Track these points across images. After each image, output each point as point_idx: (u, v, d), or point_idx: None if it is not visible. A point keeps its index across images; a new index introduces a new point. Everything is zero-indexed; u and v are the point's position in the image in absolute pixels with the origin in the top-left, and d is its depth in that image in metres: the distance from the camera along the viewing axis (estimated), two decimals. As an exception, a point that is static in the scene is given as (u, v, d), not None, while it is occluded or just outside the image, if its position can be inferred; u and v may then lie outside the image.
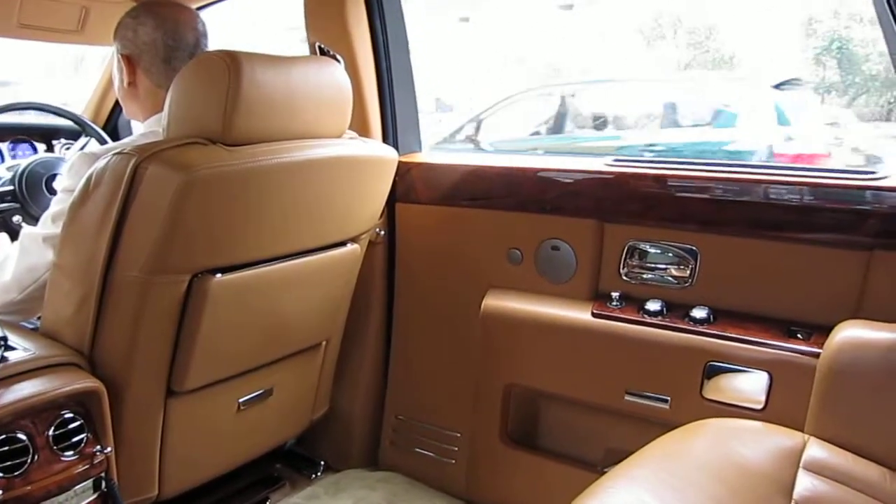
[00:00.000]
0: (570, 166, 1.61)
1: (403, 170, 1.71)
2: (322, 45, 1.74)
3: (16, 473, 1.14)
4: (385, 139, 1.81)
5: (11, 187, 1.95)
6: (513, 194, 1.64)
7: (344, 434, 1.90)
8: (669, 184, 1.47)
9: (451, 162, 1.77)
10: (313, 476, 1.88)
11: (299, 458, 1.93)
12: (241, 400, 1.51)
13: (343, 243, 1.54)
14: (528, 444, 1.69)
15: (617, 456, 1.54)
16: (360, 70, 1.74)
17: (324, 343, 1.68)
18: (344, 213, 1.50)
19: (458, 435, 1.78)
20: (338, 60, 1.63)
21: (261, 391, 1.55)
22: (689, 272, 1.47)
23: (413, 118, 1.88)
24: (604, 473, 1.08)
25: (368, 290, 1.79)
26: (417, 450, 1.86)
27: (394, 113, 1.82)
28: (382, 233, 1.78)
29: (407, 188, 1.76)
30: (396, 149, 1.71)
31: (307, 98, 1.37)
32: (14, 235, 1.89)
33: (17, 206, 1.94)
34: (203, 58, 1.30)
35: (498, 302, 1.63)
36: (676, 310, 1.46)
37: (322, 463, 1.91)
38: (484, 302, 1.64)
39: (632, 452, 1.14)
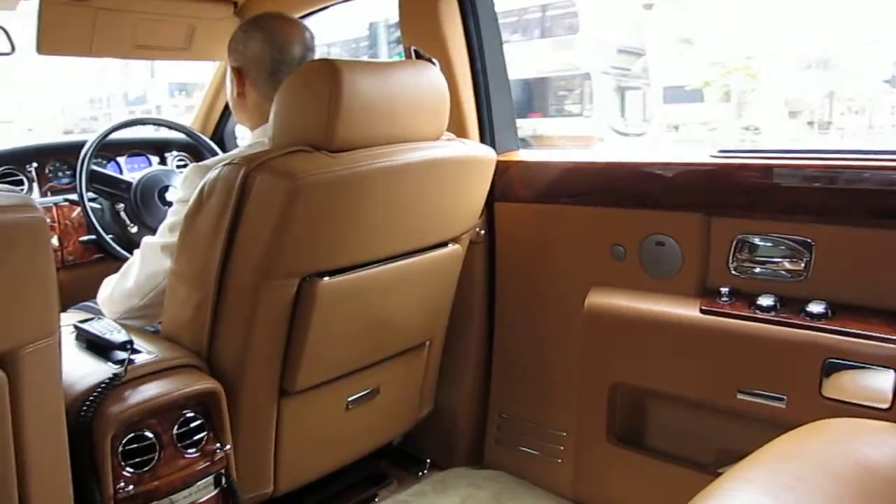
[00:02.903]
0: (673, 159, 1.57)
1: (501, 169, 1.71)
2: (417, 49, 1.76)
3: (144, 469, 1.21)
4: (482, 139, 1.81)
5: (129, 196, 2.07)
6: (614, 190, 1.61)
7: (449, 432, 1.92)
8: (777, 174, 1.41)
9: (549, 159, 1.75)
10: (420, 474, 1.90)
11: (405, 455, 1.96)
12: (349, 399, 1.55)
13: (444, 244, 1.55)
14: (635, 443, 1.66)
15: (730, 456, 1.49)
16: (456, 71, 1.75)
17: (427, 343, 1.70)
18: (444, 214, 1.51)
19: (564, 434, 1.77)
20: (433, 63, 1.65)
21: (368, 390, 1.58)
22: (803, 265, 1.41)
23: (509, 116, 1.88)
24: (718, 474, 1.05)
25: (470, 290, 1.80)
26: (522, 448, 1.85)
27: (490, 112, 1.82)
28: (482, 232, 1.78)
29: (505, 187, 1.76)
30: (494, 148, 1.72)
31: (405, 102, 1.39)
32: (132, 244, 2.00)
33: (134, 215, 2.06)
34: (304, 68, 1.34)
35: (601, 299, 1.61)
36: (791, 305, 1.40)
37: (428, 461, 1.94)
38: (587, 300, 1.62)
39: (746, 453, 1.10)
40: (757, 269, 1.47)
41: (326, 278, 1.32)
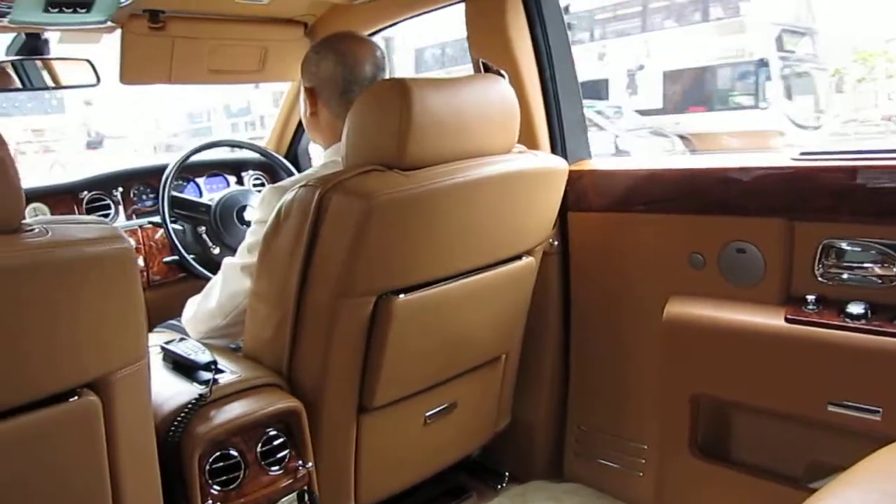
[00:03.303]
0: (753, 163, 1.53)
1: (574, 178, 1.69)
2: (486, 62, 1.76)
3: (231, 487, 1.24)
4: (553, 149, 1.80)
5: (208, 218, 2.13)
6: (692, 196, 1.58)
7: (527, 445, 1.90)
8: (863, 175, 1.35)
9: (622, 167, 1.73)
10: (498, 487, 1.89)
11: (484, 469, 1.95)
12: (427, 414, 1.55)
13: (518, 256, 1.54)
14: (720, 456, 1.61)
15: (822, 470, 1.43)
16: (525, 82, 1.74)
17: (503, 356, 1.69)
18: (518, 227, 1.50)
19: (645, 446, 1.73)
20: (502, 75, 1.64)
21: (445, 405, 1.58)
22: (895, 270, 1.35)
23: (580, 125, 1.86)
24: (811, 490, 1.01)
25: (545, 301, 1.78)
26: (602, 461, 1.82)
27: (560, 122, 1.80)
28: (556, 243, 1.77)
29: (578, 197, 1.74)
30: (565, 158, 1.70)
31: (475, 117, 1.39)
32: (213, 264, 2.06)
33: (215, 236, 2.12)
34: (375, 88, 1.36)
35: (681, 309, 1.57)
36: (884, 312, 1.34)
37: (506, 474, 1.93)
38: (666, 309, 1.59)
39: (839, 467, 1.05)
40: (845, 276, 1.41)
41: (402, 296, 1.33)
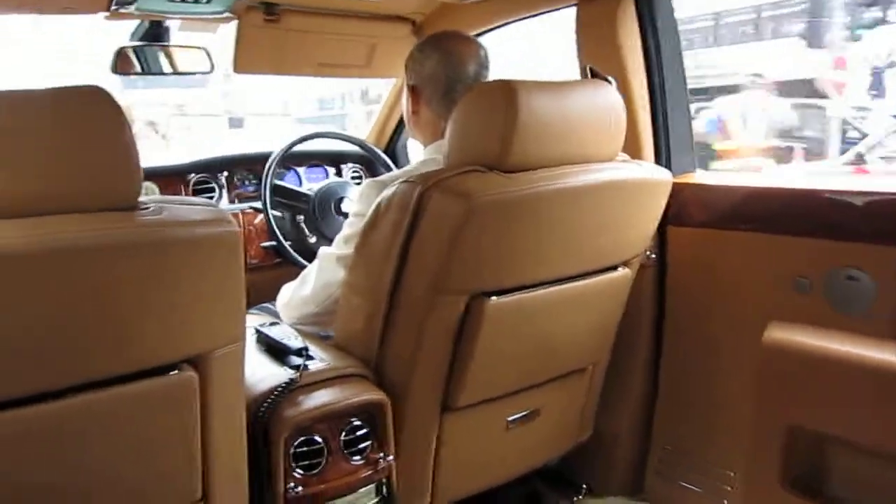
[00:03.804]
0: (867, 187, 1.45)
1: (676, 191, 1.65)
2: (593, 68, 1.73)
3: (313, 472, 1.26)
4: (658, 160, 1.75)
5: (307, 207, 2.18)
6: (801, 218, 1.51)
7: (607, 459, 1.87)
8: None
9: (728, 183, 1.67)
10: (575, 499, 1.86)
11: (562, 478, 1.92)
12: (509, 419, 1.54)
13: (614, 267, 1.51)
14: (813, 492, 1.53)
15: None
16: (633, 90, 1.71)
17: (591, 366, 1.66)
18: (617, 237, 1.47)
19: (732, 473, 1.67)
20: (609, 82, 1.61)
21: (528, 411, 1.57)
22: None
23: (687, 137, 1.80)
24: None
25: (637, 314, 1.74)
26: (685, 484, 1.77)
27: (667, 132, 1.76)
28: (653, 256, 1.72)
29: (679, 210, 1.69)
30: (669, 169, 1.66)
31: (581, 122, 1.37)
32: (309, 252, 2.11)
33: (312, 225, 2.17)
34: (481, 88, 1.36)
35: (782, 334, 1.50)
36: None
37: (584, 486, 1.89)
38: (766, 334, 1.52)
39: None
40: (969, 311, 1.32)
41: (494, 297, 1.33)
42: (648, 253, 1.69)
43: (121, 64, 1.96)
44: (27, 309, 0.87)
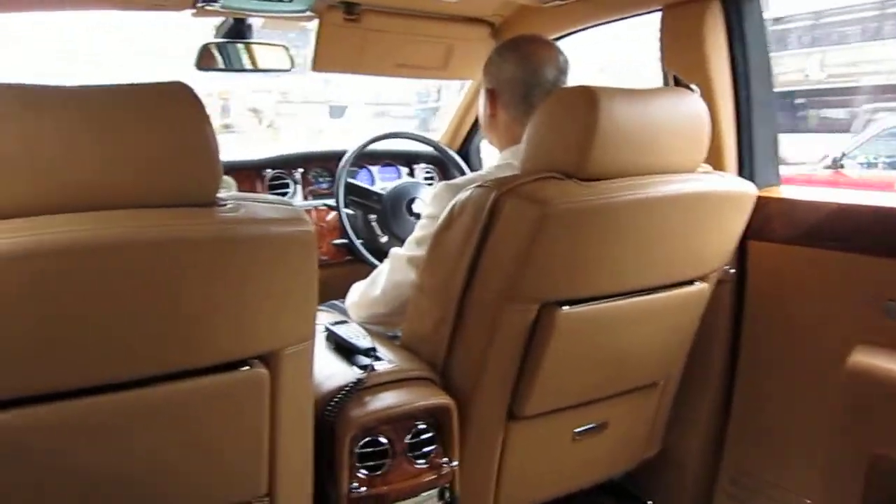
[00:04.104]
0: None
1: (760, 204, 1.58)
2: (677, 75, 1.68)
3: (377, 473, 1.26)
4: (741, 171, 1.69)
5: (379, 206, 2.19)
6: (891, 237, 1.43)
7: (675, 478, 1.81)
8: None
9: (816, 198, 1.60)
10: None
11: (626, 494, 1.88)
12: (576, 430, 1.51)
13: (691, 281, 1.47)
14: (895, 525, 1.46)
15: None
16: (717, 99, 1.65)
17: (662, 382, 1.62)
18: (696, 251, 1.43)
19: (808, 502, 1.60)
20: (693, 90, 1.57)
21: (596, 424, 1.53)
22: None
23: (772, 149, 1.73)
24: None
25: (712, 331, 1.68)
26: None
27: (751, 143, 1.69)
28: (732, 271, 1.66)
29: (762, 225, 1.62)
30: (753, 182, 1.60)
31: (663, 131, 1.33)
32: (380, 251, 2.11)
33: (384, 224, 2.18)
34: (561, 94, 1.33)
35: (869, 360, 1.43)
36: None
37: (649, 503, 1.85)
38: (851, 358, 1.45)
39: None
40: None
41: (566, 307, 1.30)
42: (727, 268, 1.64)
43: (204, 60, 2.01)
44: (107, 299, 0.89)
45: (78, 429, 0.93)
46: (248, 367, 1.01)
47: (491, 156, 2.20)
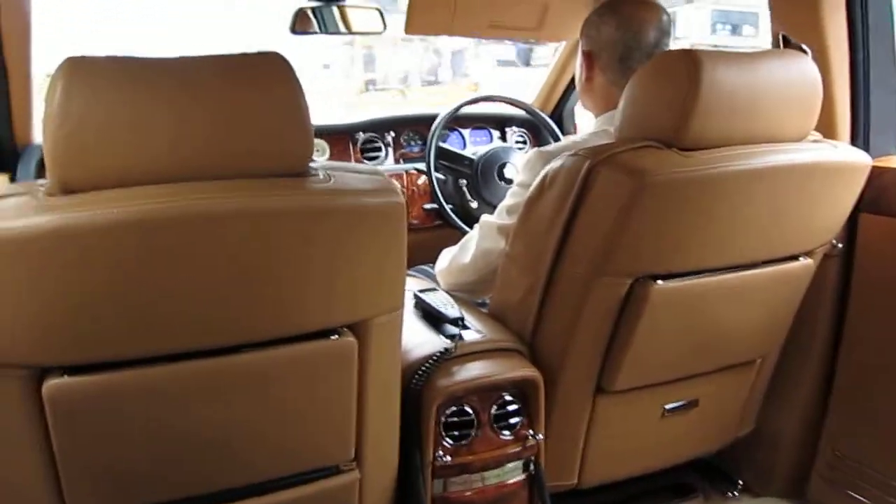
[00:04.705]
0: None
1: (875, 175, 1.47)
2: (787, 36, 1.58)
3: (462, 443, 1.27)
4: (854, 140, 1.58)
5: (470, 171, 2.17)
6: None
7: (768, 458, 1.75)
8: None
9: None
10: (729, 494, 1.77)
11: (716, 471, 1.83)
12: (666, 407, 1.47)
13: (795, 257, 1.39)
14: None
15: None
16: (831, 62, 1.54)
17: (759, 360, 1.55)
18: (802, 225, 1.35)
19: None
20: (805, 52, 1.46)
21: (687, 401, 1.49)
22: None
23: (891, 115, 1.61)
24: None
25: (816, 308, 1.59)
26: (855, 495, 1.62)
27: (868, 110, 1.57)
28: (840, 245, 1.56)
29: (877, 197, 1.51)
30: (867, 151, 1.49)
31: (771, 98, 1.26)
32: (469, 217, 2.10)
33: (474, 190, 2.16)
34: (661, 58, 1.27)
35: None
36: None
37: (740, 482, 1.79)
38: None
39: None
40: None
41: (660, 282, 1.26)
42: (835, 242, 1.54)
43: (299, 23, 2.02)
44: (203, 269, 0.92)
45: (173, 392, 0.97)
46: (336, 336, 1.03)
47: (587, 120, 2.13)
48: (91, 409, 0.94)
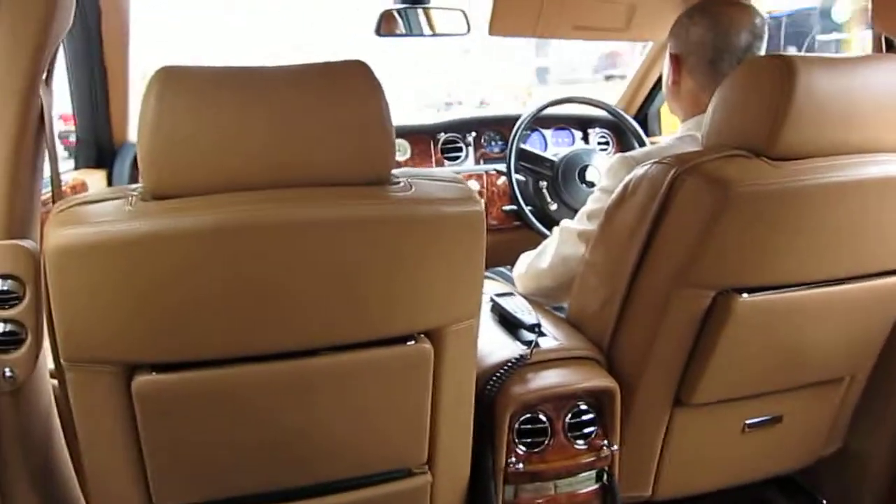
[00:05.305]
0: None
1: None
2: (890, 38, 1.50)
3: (535, 450, 1.26)
4: None
5: (550, 173, 2.15)
6: None
7: (856, 479, 1.67)
8: None
9: None
10: None
11: (798, 490, 1.76)
12: (747, 422, 1.43)
13: (892, 272, 1.32)
14: None
15: None
16: None
17: (848, 377, 1.49)
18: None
19: None
20: None
21: (770, 416, 1.44)
22: None
23: None
24: None
25: None
26: None
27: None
28: None
29: None
30: None
31: (868, 105, 1.20)
32: (549, 219, 2.09)
33: (554, 192, 2.14)
34: (752, 63, 1.23)
35: None
36: None
37: (823, 502, 1.72)
38: None
39: None
40: None
41: (745, 295, 1.22)
42: None
43: (385, 25, 2.04)
44: (291, 275, 0.94)
45: (256, 391, 1.00)
46: (413, 342, 1.04)
47: (672, 124, 2.08)
48: (176, 405, 0.98)
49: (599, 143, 2.51)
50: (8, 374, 0.98)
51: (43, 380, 1.07)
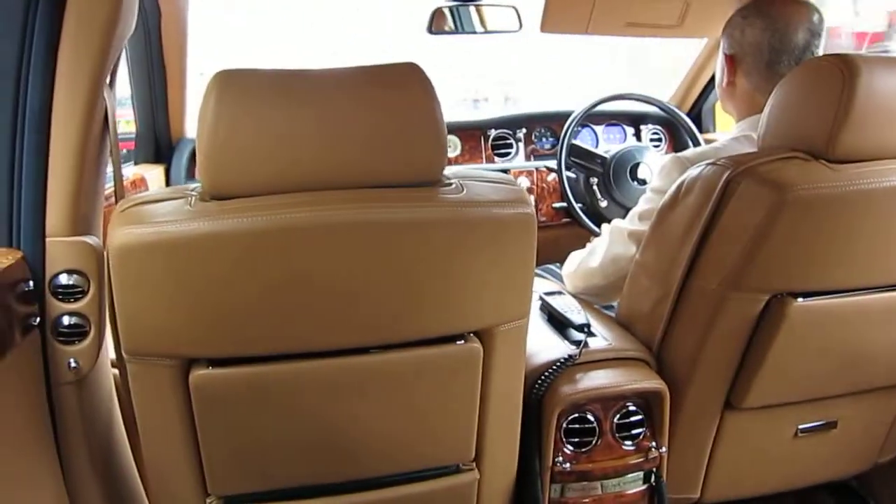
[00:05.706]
0: None
1: None
2: None
3: (582, 450, 1.26)
4: None
5: (602, 170, 2.14)
6: None
7: None
8: None
9: None
10: None
11: (853, 496, 1.73)
12: (800, 427, 1.41)
13: None
14: None
15: None
16: None
17: None
18: None
19: None
20: None
21: (824, 422, 1.42)
22: None
23: None
24: None
25: None
26: None
27: None
28: None
29: None
30: None
31: None
32: (599, 216, 2.08)
33: (605, 189, 2.13)
34: (812, 63, 1.20)
35: None
36: None
37: None
38: None
39: None
40: None
41: (800, 299, 1.20)
42: None
43: (436, 22, 2.05)
44: (347, 275, 0.96)
45: (310, 387, 1.03)
46: (462, 342, 1.05)
47: (727, 122, 2.05)
48: (232, 399, 1.01)
49: (652, 140, 2.48)
50: (73, 364, 1.03)
51: (105, 372, 1.11)
